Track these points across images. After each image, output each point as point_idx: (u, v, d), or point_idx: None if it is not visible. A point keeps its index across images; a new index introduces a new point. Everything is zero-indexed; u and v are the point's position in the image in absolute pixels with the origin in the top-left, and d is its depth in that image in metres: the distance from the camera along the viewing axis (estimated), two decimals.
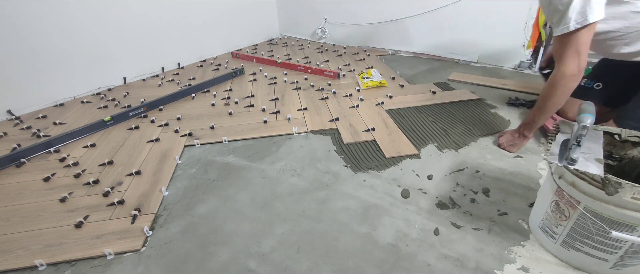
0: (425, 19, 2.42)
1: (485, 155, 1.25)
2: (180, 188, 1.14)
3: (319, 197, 1.07)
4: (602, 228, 0.67)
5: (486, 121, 1.50)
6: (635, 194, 0.62)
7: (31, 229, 0.97)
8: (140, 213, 1.02)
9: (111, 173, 1.22)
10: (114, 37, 2.01)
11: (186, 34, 2.43)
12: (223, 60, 2.55)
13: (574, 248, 0.76)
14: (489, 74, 2.11)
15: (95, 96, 1.94)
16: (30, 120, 1.66)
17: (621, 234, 0.65)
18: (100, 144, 1.42)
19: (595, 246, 0.72)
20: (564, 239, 0.78)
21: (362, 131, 1.44)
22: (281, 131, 1.47)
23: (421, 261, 0.84)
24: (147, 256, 0.88)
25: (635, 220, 0.64)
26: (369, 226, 0.95)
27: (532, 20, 2.03)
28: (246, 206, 1.05)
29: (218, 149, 1.37)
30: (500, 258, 0.83)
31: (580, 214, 0.71)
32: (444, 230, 0.93)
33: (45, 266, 0.86)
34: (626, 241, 0.67)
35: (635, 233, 0.66)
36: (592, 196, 0.68)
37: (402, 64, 2.38)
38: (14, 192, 1.14)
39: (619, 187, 0.63)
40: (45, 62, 1.75)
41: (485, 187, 1.08)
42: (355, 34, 2.85)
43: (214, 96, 1.89)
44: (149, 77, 2.24)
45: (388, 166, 1.22)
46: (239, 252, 0.88)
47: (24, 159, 1.31)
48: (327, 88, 1.94)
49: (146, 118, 1.63)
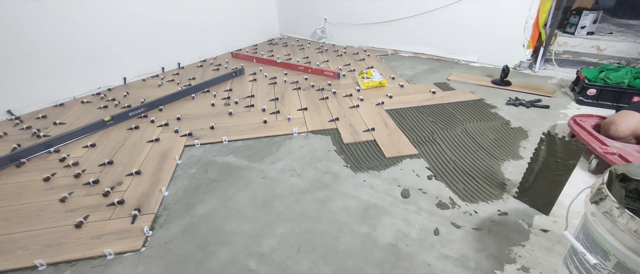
0: (425, 19, 2.42)
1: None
2: (180, 188, 1.14)
3: (319, 197, 1.07)
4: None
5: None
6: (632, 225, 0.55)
7: (31, 229, 0.97)
8: (140, 213, 1.02)
9: (111, 173, 1.22)
10: (114, 37, 2.01)
11: (186, 34, 2.43)
12: (223, 60, 2.55)
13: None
14: (489, 74, 2.11)
15: (95, 96, 1.94)
16: (30, 120, 1.66)
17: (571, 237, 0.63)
18: (100, 144, 1.42)
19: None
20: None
21: (362, 131, 1.44)
22: (281, 131, 1.47)
23: (421, 261, 0.84)
24: (147, 256, 0.88)
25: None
26: (369, 226, 0.95)
27: (532, 20, 2.04)
28: (246, 206, 1.04)
29: (218, 149, 1.37)
30: (500, 258, 0.83)
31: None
32: (444, 230, 0.93)
33: (45, 266, 0.86)
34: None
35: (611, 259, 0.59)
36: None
37: (402, 64, 2.38)
38: (14, 192, 1.14)
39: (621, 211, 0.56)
40: (45, 62, 1.75)
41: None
42: (355, 34, 2.85)
43: (214, 96, 1.89)
44: (149, 77, 2.24)
45: (388, 166, 1.22)
46: (239, 252, 0.88)
47: (24, 159, 1.30)
48: (327, 88, 1.94)
49: (146, 118, 1.63)
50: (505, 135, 1.39)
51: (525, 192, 1.01)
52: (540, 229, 0.91)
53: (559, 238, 0.88)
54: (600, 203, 0.60)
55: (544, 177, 0.94)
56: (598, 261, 0.61)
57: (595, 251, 0.62)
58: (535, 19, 2.02)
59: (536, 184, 0.97)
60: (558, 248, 0.86)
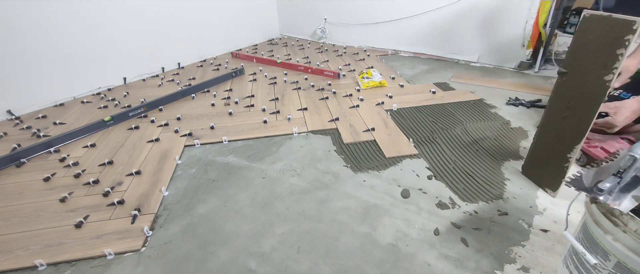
0: (425, 19, 2.42)
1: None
2: (180, 188, 1.14)
3: (319, 197, 1.07)
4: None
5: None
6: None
7: (31, 229, 0.97)
8: (140, 213, 1.02)
9: (111, 173, 1.22)
10: (114, 37, 2.01)
11: (186, 34, 2.43)
12: (223, 60, 2.55)
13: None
14: (489, 74, 2.11)
15: (95, 96, 1.94)
16: (30, 120, 1.66)
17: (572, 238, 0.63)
18: (100, 144, 1.42)
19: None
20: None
21: (362, 131, 1.44)
22: (281, 131, 1.47)
23: (421, 261, 0.84)
24: (147, 256, 0.88)
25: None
26: (369, 226, 0.95)
27: (532, 20, 2.03)
28: (246, 206, 1.04)
29: (218, 149, 1.37)
30: (500, 258, 0.83)
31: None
32: (444, 230, 0.93)
33: (45, 266, 0.86)
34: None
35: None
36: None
37: (402, 64, 2.38)
38: (14, 192, 1.14)
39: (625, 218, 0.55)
40: (45, 62, 1.75)
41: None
42: (355, 34, 2.85)
43: (214, 96, 1.89)
44: (149, 77, 2.24)
45: (388, 166, 1.22)
46: (239, 252, 0.88)
47: (24, 159, 1.31)
48: (327, 88, 1.94)
49: (146, 118, 1.63)
50: (505, 135, 1.39)
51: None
52: (540, 229, 0.91)
53: (559, 238, 0.88)
54: (601, 203, 0.60)
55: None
56: (598, 261, 0.61)
57: (595, 251, 0.62)
58: (535, 19, 2.02)
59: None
60: (558, 248, 0.86)
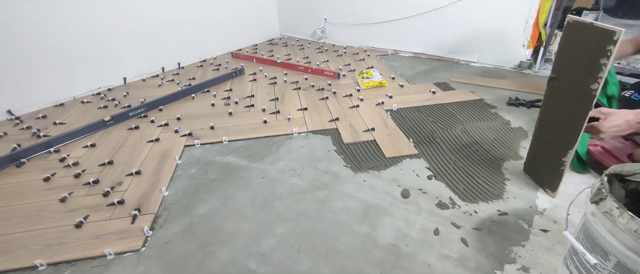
0: (425, 19, 2.42)
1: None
2: (180, 188, 1.14)
3: (319, 197, 1.07)
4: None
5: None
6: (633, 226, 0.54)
7: (31, 229, 0.97)
8: (140, 213, 1.02)
9: (111, 173, 1.22)
10: (114, 37, 2.01)
11: (186, 34, 2.43)
12: (223, 60, 2.55)
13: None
14: (489, 74, 2.11)
15: (95, 96, 1.94)
16: (30, 120, 1.66)
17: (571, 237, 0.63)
18: (100, 144, 1.42)
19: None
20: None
21: (362, 131, 1.44)
22: (281, 131, 1.47)
23: (421, 261, 0.84)
24: (147, 256, 0.88)
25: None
26: (369, 226, 0.95)
27: (532, 20, 2.03)
28: (246, 206, 1.04)
29: (218, 149, 1.37)
30: (500, 258, 0.83)
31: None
32: (444, 230, 0.93)
33: (45, 266, 0.86)
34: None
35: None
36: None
37: (402, 64, 2.38)
38: (14, 192, 1.14)
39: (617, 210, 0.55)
40: (45, 62, 1.75)
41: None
42: (355, 34, 2.85)
43: (214, 96, 1.89)
44: (149, 77, 2.24)
45: (388, 166, 1.22)
46: (239, 252, 0.88)
47: (24, 159, 1.30)
48: (327, 88, 1.94)
49: (146, 118, 1.63)
50: (505, 135, 1.39)
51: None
52: (540, 229, 0.91)
53: (559, 238, 0.88)
54: (600, 203, 0.60)
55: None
56: (598, 261, 0.61)
57: (595, 251, 0.62)
58: (535, 19, 2.02)
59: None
60: (558, 248, 0.86)
